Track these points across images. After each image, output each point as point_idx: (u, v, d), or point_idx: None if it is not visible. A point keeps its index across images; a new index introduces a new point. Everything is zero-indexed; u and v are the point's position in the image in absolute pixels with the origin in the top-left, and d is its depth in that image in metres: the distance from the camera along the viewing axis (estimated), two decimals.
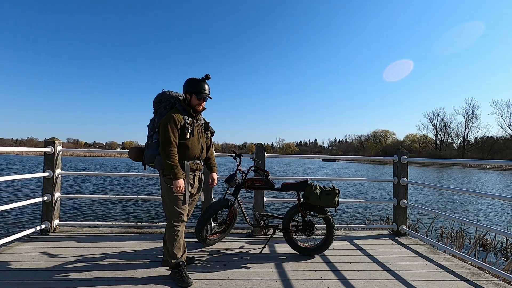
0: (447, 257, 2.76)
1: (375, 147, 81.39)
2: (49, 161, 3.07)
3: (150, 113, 2.35)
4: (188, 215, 2.30)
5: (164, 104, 2.21)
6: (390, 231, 3.61)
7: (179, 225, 2.16)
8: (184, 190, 2.14)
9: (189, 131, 2.17)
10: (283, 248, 2.80)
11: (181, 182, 2.08)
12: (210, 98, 2.29)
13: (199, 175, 2.35)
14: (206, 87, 2.23)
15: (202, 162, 2.38)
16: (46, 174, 3.03)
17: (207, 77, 2.25)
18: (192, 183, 2.28)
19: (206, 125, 2.39)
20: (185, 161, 2.20)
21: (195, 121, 2.25)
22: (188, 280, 2.07)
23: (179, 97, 2.28)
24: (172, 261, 2.13)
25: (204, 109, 2.29)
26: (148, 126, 2.28)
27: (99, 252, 2.61)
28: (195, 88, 2.20)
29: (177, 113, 2.14)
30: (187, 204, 2.22)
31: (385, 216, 6.50)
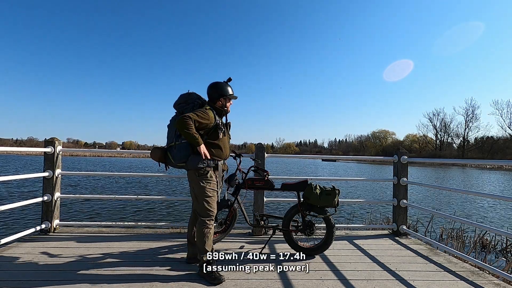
0: (447, 257, 2.76)
1: (375, 147, 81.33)
2: (49, 161, 3.07)
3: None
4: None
5: (192, 105, 2.26)
6: (390, 231, 3.61)
7: (211, 222, 2.23)
8: (217, 189, 2.29)
9: (222, 131, 2.29)
10: (283, 248, 2.79)
11: (203, 147, 2.17)
12: (236, 97, 2.47)
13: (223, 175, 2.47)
14: None
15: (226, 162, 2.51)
16: (46, 174, 3.03)
17: (229, 80, 2.41)
18: (221, 183, 2.40)
19: (229, 125, 2.47)
20: (218, 162, 2.30)
21: (223, 121, 2.36)
22: (220, 277, 2.13)
23: (205, 100, 2.36)
24: (204, 258, 2.17)
25: None
26: (168, 126, 2.33)
27: (99, 252, 2.61)
28: (228, 92, 2.35)
29: (211, 111, 2.23)
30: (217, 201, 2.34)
31: (385, 216, 6.50)
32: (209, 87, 2.36)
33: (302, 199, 2.71)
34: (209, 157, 2.20)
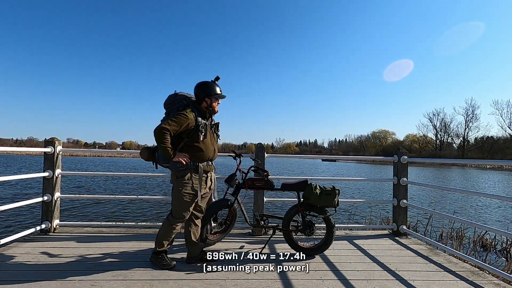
0: (447, 257, 2.76)
1: (375, 147, 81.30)
2: (49, 161, 3.07)
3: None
4: (202, 211, 2.46)
5: (177, 106, 2.27)
6: (390, 231, 3.61)
7: (178, 225, 2.32)
8: (197, 191, 2.26)
9: (203, 133, 2.26)
10: (283, 248, 2.79)
11: (179, 155, 2.17)
12: (224, 97, 2.41)
13: (211, 175, 2.45)
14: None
15: (213, 163, 2.47)
16: (46, 174, 3.03)
17: (217, 78, 2.36)
18: (205, 184, 2.38)
19: (217, 126, 2.46)
20: (199, 163, 2.28)
21: (207, 123, 2.33)
22: (171, 263, 2.27)
23: (192, 99, 2.34)
24: (158, 248, 2.30)
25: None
26: None
27: (99, 252, 2.61)
28: (215, 91, 2.31)
29: (191, 113, 2.21)
30: (195, 204, 2.35)
31: (385, 216, 6.50)
32: (195, 87, 2.33)
33: (302, 199, 2.71)
34: (185, 163, 2.18)
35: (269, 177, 2.80)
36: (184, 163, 2.18)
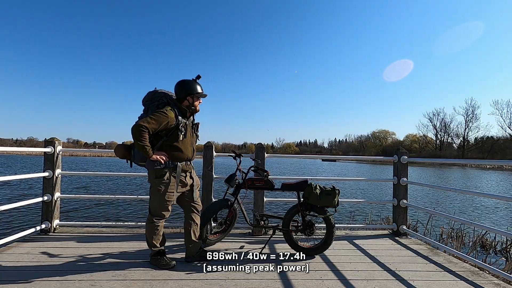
0: (447, 257, 2.76)
1: (375, 147, 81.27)
2: (49, 161, 3.07)
3: None
4: (199, 207, 2.48)
5: (157, 103, 2.21)
6: (390, 231, 3.61)
7: (160, 222, 2.30)
8: (173, 191, 2.24)
9: (183, 133, 2.22)
10: (283, 248, 2.79)
11: (157, 154, 2.15)
12: (205, 95, 2.39)
13: (190, 174, 2.41)
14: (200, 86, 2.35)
15: (192, 163, 2.44)
16: (46, 174, 3.03)
17: (198, 77, 2.33)
18: (185, 181, 2.35)
19: (197, 126, 2.43)
20: (178, 163, 2.25)
21: (187, 122, 2.29)
22: (171, 263, 2.27)
23: (173, 97, 2.30)
24: (153, 249, 2.31)
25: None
26: None
27: (99, 252, 2.61)
28: (196, 89, 2.28)
29: (172, 112, 2.16)
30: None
31: (385, 216, 6.49)
32: (176, 85, 2.28)
33: (302, 199, 2.71)
34: (163, 161, 2.16)
35: (269, 177, 2.80)
36: (162, 162, 2.16)
